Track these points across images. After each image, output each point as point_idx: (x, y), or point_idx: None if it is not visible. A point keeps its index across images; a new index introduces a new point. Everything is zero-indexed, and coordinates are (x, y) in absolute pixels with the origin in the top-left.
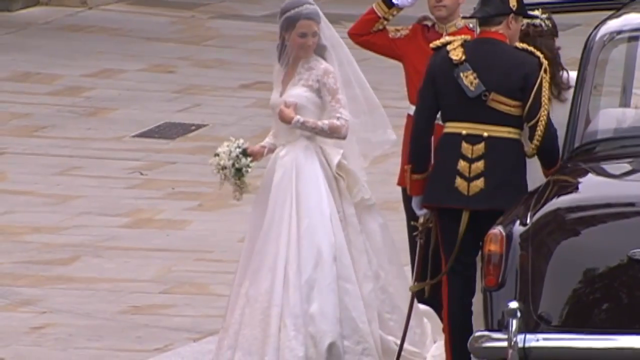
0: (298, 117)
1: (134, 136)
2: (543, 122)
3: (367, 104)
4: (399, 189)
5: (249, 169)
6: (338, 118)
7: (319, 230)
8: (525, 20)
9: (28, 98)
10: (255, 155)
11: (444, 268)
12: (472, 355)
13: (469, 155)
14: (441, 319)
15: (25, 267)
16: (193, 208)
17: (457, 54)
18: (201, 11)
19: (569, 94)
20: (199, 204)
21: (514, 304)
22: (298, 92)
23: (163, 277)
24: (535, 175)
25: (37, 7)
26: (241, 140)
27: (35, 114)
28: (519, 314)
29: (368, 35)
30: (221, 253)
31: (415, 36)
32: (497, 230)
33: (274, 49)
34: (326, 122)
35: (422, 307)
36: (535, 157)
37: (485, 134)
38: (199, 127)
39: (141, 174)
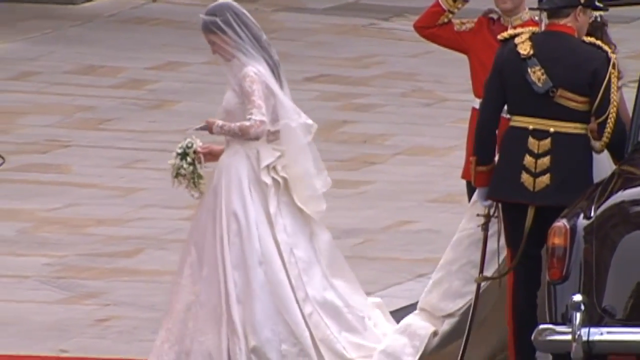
0: (218, 122)
1: (197, 129)
2: (612, 119)
3: None
4: (463, 182)
5: (184, 171)
6: (249, 119)
7: (243, 236)
8: (598, 12)
9: (93, 91)
10: (218, 154)
11: (509, 261)
12: (536, 349)
13: (536, 151)
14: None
15: (90, 259)
16: None
17: (525, 48)
18: (265, 4)
19: (621, 82)
20: None
21: (578, 297)
22: (228, 96)
23: None
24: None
25: (102, 0)
26: (188, 140)
27: (99, 106)
28: (583, 307)
29: (433, 28)
30: None
31: (480, 29)
32: (561, 223)
33: (338, 41)
34: (238, 124)
35: (372, 299)
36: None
37: (552, 130)
38: None
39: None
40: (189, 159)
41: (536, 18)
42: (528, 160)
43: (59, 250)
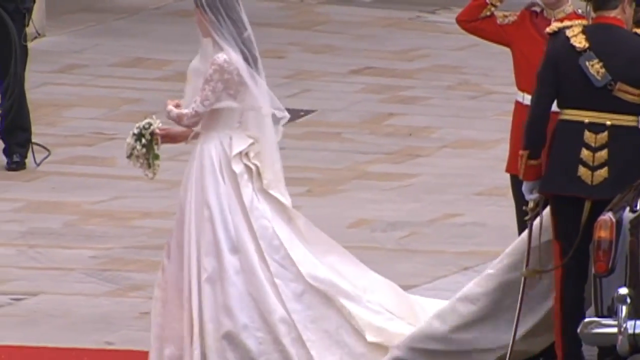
0: (169, 107)
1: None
2: None
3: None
4: (508, 175)
5: (137, 152)
6: (190, 107)
7: (216, 223)
8: None
9: (139, 83)
10: (176, 137)
11: (557, 255)
12: (582, 341)
13: (593, 144)
14: None
15: (135, 252)
16: (302, 194)
17: (580, 41)
18: None
19: None
20: (307, 190)
21: (623, 290)
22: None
23: None
24: None
25: None
26: (146, 121)
27: (145, 99)
28: (628, 300)
29: (476, 22)
30: None
31: (523, 22)
32: (607, 216)
33: (384, 34)
34: (177, 110)
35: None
36: None
37: (609, 123)
38: (307, 112)
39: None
40: (143, 141)
41: (579, 11)
42: (585, 153)
43: (105, 243)
